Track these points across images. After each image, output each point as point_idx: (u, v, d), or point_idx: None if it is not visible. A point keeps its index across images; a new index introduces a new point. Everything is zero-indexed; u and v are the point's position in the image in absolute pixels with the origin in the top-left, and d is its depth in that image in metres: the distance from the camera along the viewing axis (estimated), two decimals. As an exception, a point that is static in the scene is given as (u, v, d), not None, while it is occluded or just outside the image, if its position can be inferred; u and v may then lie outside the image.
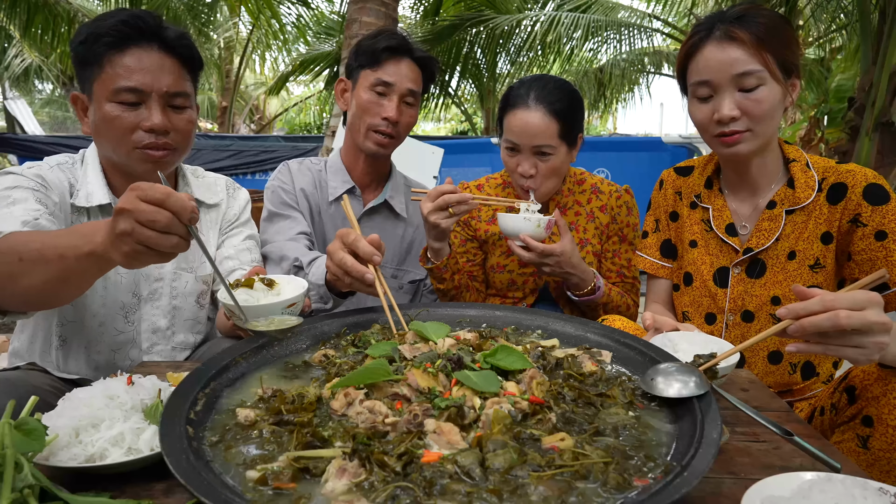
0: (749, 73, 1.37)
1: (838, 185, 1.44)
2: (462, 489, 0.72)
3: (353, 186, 1.96)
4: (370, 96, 1.86)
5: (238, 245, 1.72)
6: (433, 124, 26.58)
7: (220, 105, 15.47)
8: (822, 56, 10.65)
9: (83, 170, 1.54)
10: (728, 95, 1.40)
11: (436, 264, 1.79)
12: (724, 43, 1.40)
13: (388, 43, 1.85)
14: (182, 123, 1.49)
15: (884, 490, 0.74)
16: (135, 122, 1.43)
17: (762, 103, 1.38)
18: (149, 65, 1.42)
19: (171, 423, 0.82)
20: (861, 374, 1.21)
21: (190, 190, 1.66)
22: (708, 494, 0.84)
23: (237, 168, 6.91)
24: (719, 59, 1.40)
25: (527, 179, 1.84)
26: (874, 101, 6.51)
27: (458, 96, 12.44)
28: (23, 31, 9.89)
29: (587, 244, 2.00)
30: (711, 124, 1.44)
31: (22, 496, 0.72)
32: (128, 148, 1.44)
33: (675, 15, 10.50)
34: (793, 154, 1.53)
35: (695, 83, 1.45)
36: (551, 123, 1.78)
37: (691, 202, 1.69)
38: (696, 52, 1.45)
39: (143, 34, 1.42)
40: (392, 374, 0.97)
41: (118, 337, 1.57)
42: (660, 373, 0.97)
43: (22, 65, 13.02)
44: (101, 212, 1.52)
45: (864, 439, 1.17)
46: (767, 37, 1.37)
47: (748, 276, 1.54)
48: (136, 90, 1.41)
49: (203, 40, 11.95)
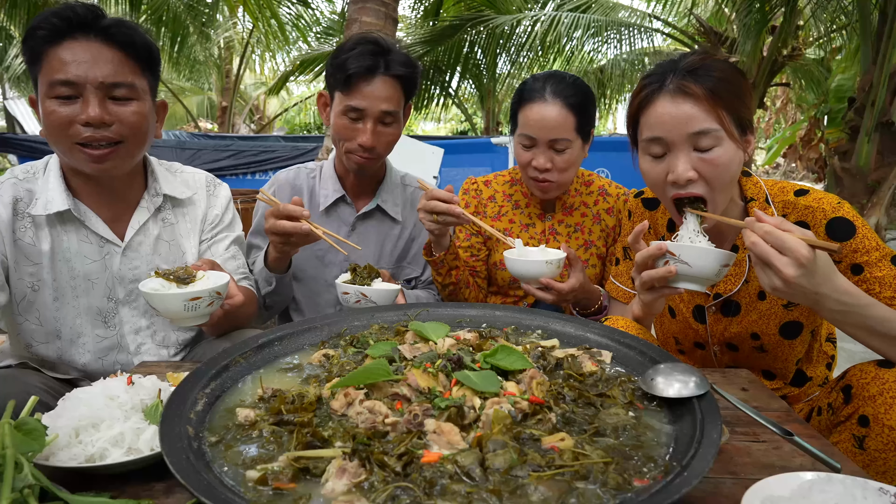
0: (704, 133, 1.28)
1: (800, 223, 1.36)
2: (462, 489, 0.72)
3: (344, 195, 1.97)
4: (343, 121, 1.81)
5: (223, 254, 1.70)
6: (433, 124, 26.58)
7: (220, 105, 15.48)
8: (822, 56, 10.65)
9: (45, 177, 1.49)
10: (683, 155, 1.30)
11: (435, 258, 1.80)
12: (678, 98, 1.30)
13: (358, 65, 1.74)
14: (126, 115, 1.41)
15: (884, 490, 0.74)
16: (70, 115, 1.36)
17: (718, 165, 1.29)
18: (82, 56, 1.36)
19: (171, 423, 0.82)
20: (858, 373, 1.20)
21: (159, 185, 1.60)
22: (708, 494, 0.83)
23: (237, 168, 6.92)
24: (673, 115, 1.30)
25: (541, 173, 1.85)
26: (874, 101, 6.51)
27: (458, 96, 12.44)
28: (23, 31, 9.88)
29: (592, 246, 2.00)
30: (667, 185, 1.35)
31: (22, 496, 0.72)
32: (69, 145, 1.39)
33: (675, 15, 10.51)
34: (751, 191, 1.45)
35: (647, 139, 1.36)
36: (568, 116, 1.80)
37: (660, 237, 1.63)
38: (648, 105, 1.35)
39: (77, 26, 1.37)
40: (392, 374, 0.97)
41: (102, 343, 1.55)
42: (660, 373, 0.97)
43: (22, 65, 13.02)
44: (57, 219, 1.47)
45: (861, 439, 1.17)
46: (722, 92, 1.28)
47: (724, 316, 1.52)
48: (70, 83, 1.35)
49: (203, 40, 11.96)
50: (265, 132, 17.07)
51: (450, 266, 1.83)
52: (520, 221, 2.04)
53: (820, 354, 1.58)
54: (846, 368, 1.26)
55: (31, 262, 1.46)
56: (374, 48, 1.77)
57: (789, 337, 1.47)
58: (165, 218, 1.62)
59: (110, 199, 1.53)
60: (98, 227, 1.51)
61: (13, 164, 15.63)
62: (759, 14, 7.41)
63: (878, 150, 6.64)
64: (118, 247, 1.53)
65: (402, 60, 1.80)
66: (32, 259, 1.46)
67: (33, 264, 1.46)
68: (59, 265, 1.48)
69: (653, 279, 1.27)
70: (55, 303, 1.49)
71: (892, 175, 6.52)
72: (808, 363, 1.56)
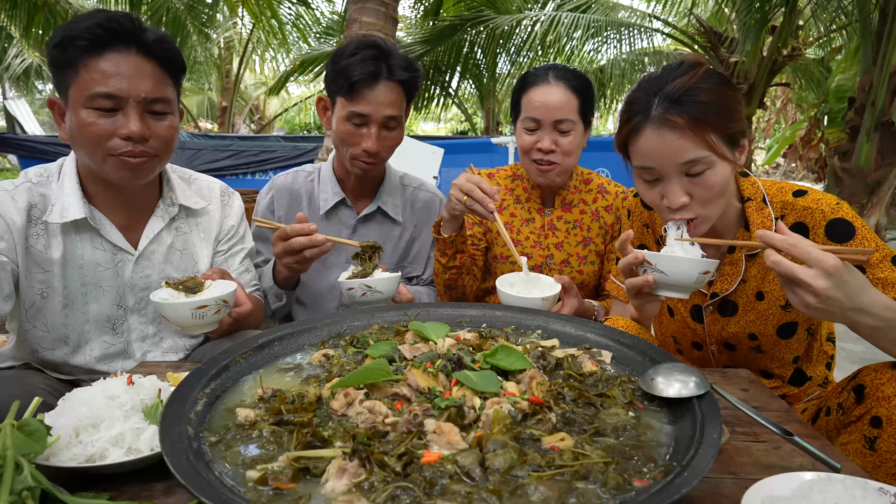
0: (694, 161, 1.26)
1: (798, 224, 1.36)
2: (462, 489, 0.72)
3: (344, 198, 1.97)
4: (347, 127, 1.79)
5: (237, 268, 1.72)
6: (433, 124, 26.59)
7: (220, 105, 15.49)
8: (822, 56, 10.65)
9: (60, 183, 1.47)
10: (675, 182, 1.30)
11: (444, 237, 1.81)
12: (664, 129, 1.26)
13: (361, 72, 1.72)
14: (162, 130, 1.43)
15: (884, 490, 0.74)
16: (111, 129, 1.36)
17: (711, 188, 1.28)
18: (126, 70, 1.35)
19: (171, 423, 0.82)
20: (872, 374, 1.18)
21: (175, 195, 1.60)
22: (708, 494, 0.83)
23: (237, 168, 6.91)
24: (660, 147, 1.28)
25: (546, 155, 1.86)
26: (874, 101, 6.52)
27: (458, 96, 12.44)
28: (23, 31, 9.90)
29: (590, 243, 2.01)
30: (663, 208, 1.35)
31: (20, 498, 0.72)
32: (103, 155, 1.38)
33: (675, 15, 10.50)
34: (748, 191, 1.44)
35: (638, 167, 1.36)
36: (571, 98, 1.84)
37: (657, 239, 1.64)
38: (636, 135, 1.32)
39: (120, 37, 1.35)
40: (392, 374, 0.97)
41: (108, 349, 1.54)
42: (660, 373, 0.97)
43: (22, 65, 13.04)
44: (72, 227, 1.45)
45: (871, 440, 1.15)
46: (709, 116, 1.25)
47: (721, 315, 1.52)
48: (113, 96, 1.34)
49: (203, 40, 11.96)
50: (265, 132, 17.07)
51: (457, 248, 1.84)
52: (520, 216, 2.05)
53: (820, 354, 1.58)
54: (858, 369, 1.25)
55: (41, 269, 1.44)
56: (376, 52, 1.75)
57: (785, 337, 1.47)
58: (179, 227, 1.62)
59: (126, 205, 1.53)
60: (112, 235, 1.50)
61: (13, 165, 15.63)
62: (759, 14, 7.41)
63: (878, 150, 6.65)
64: (131, 255, 1.53)
65: (403, 65, 1.79)
66: (43, 266, 1.44)
67: (44, 271, 1.45)
68: (71, 272, 1.47)
69: (634, 286, 1.27)
70: (64, 310, 1.48)
71: (892, 175, 6.53)
72: (808, 362, 1.56)
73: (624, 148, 1.40)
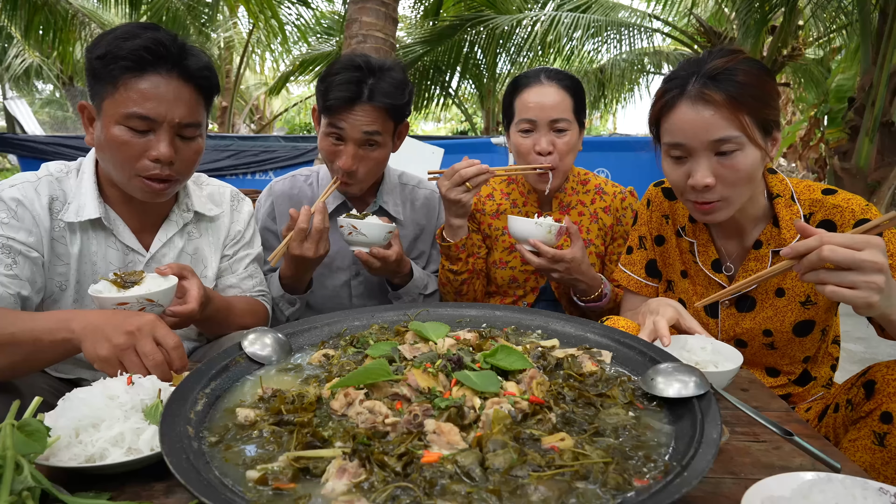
0: (725, 140, 1.28)
1: (826, 222, 1.38)
2: (462, 489, 0.72)
3: (345, 200, 1.97)
4: (326, 143, 1.77)
5: (241, 273, 1.72)
6: (433, 124, 26.58)
7: (220, 105, 15.46)
8: (822, 56, 10.65)
9: (78, 180, 1.49)
10: (704, 160, 1.31)
11: (453, 242, 1.80)
12: (699, 104, 1.28)
13: (337, 96, 1.68)
14: (189, 153, 1.44)
15: (884, 490, 0.74)
16: (142, 150, 1.37)
17: (739, 171, 1.30)
18: (165, 93, 1.36)
19: (171, 423, 0.82)
20: (884, 370, 1.18)
21: (191, 201, 1.62)
22: (708, 494, 0.84)
23: (237, 168, 6.90)
24: (693, 122, 1.29)
25: (544, 157, 1.86)
26: (874, 101, 6.51)
27: (458, 96, 12.44)
28: (23, 31, 9.89)
29: (590, 245, 2.00)
30: (686, 188, 1.37)
31: (20, 499, 0.72)
32: (130, 174, 1.40)
33: (675, 15, 10.50)
34: (777, 188, 1.45)
35: (668, 144, 1.37)
36: (566, 97, 1.85)
37: (677, 230, 1.63)
38: (670, 110, 1.34)
39: (164, 61, 1.36)
40: (392, 374, 0.97)
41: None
42: (660, 373, 0.97)
43: (22, 65, 13.04)
44: (91, 226, 1.48)
45: (882, 436, 1.14)
46: (745, 97, 1.26)
47: (738, 311, 1.51)
48: (148, 118, 1.35)
49: (203, 40, 11.95)
50: (265, 132, 17.06)
51: (469, 251, 1.84)
52: None
53: (826, 356, 1.58)
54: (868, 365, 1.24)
55: (62, 261, 1.47)
56: (359, 76, 1.70)
57: (801, 335, 1.47)
58: (191, 232, 1.63)
59: (141, 209, 1.54)
60: (125, 236, 1.52)
61: (13, 165, 15.62)
62: (759, 14, 7.41)
63: (878, 150, 6.64)
64: (142, 257, 1.54)
65: (386, 90, 1.71)
66: (63, 259, 1.47)
67: (64, 264, 1.47)
68: (85, 267, 1.49)
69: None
70: (74, 304, 1.50)
71: (892, 175, 6.52)
72: (814, 363, 1.56)
73: (655, 125, 1.41)
